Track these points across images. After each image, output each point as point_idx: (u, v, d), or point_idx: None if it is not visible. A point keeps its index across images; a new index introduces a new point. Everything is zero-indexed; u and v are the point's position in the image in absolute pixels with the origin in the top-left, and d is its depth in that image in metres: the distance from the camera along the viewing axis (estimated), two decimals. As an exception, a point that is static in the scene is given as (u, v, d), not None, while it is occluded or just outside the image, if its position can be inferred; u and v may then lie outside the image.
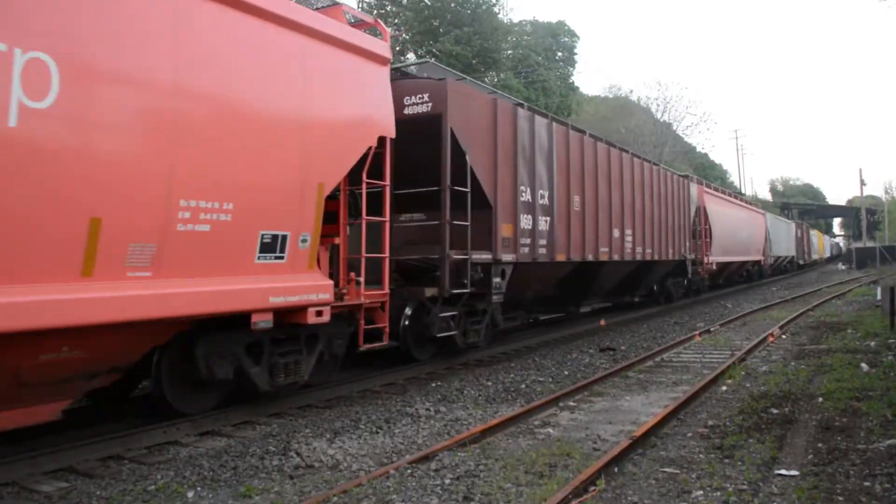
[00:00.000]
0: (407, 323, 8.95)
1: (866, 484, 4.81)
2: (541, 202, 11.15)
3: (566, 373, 9.63)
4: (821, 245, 66.14)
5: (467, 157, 9.14)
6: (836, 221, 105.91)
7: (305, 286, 6.66)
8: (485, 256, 9.65)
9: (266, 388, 6.81)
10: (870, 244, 59.04)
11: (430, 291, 8.93)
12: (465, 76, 11.06)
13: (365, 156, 7.35)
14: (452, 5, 32.71)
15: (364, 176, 7.46)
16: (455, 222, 9.00)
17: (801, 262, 48.69)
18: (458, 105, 9.15)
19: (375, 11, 32.38)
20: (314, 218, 6.72)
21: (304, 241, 6.65)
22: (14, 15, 4.54)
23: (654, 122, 53.32)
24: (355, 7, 31.11)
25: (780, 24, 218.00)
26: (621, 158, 14.60)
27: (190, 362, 6.28)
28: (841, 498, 4.57)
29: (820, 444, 5.80)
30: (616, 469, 5.18)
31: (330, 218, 7.31)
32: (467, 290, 9.26)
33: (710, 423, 6.64)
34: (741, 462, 5.33)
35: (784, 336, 13.27)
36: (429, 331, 9.05)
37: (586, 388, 8.31)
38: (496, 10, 35.22)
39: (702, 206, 21.74)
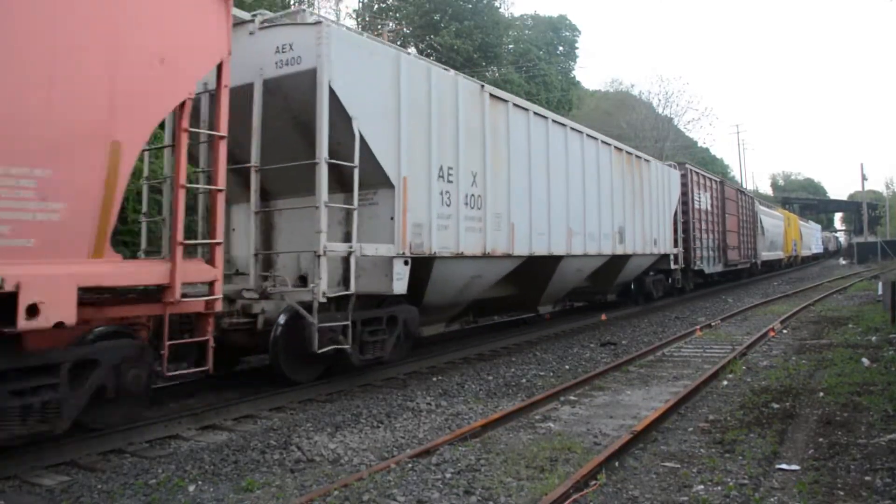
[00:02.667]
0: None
1: (867, 478, 4.81)
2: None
3: (567, 367, 9.64)
4: (793, 235, 42.14)
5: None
6: (838, 216, 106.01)
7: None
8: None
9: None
10: (871, 239, 59.06)
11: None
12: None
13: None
14: (453, -1, 32.62)
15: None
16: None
17: (735, 265, 25.75)
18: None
19: (376, 6, 32.29)
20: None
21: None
22: None
23: (655, 116, 53.18)
24: (355, 3, 30.94)
25: (783, 18, 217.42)
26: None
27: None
28: (841, 492, 4.57)
29: (821, 439, 5.80)
30: (617, 463, 5.18)
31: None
32: None
33: (711, 417, 6.64)
34: (742, 456, 5.34)
35: (785, 331, 13.27)
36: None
37: (587, 383, 8.31)
38: (497, 4, 35.20)
39: None
